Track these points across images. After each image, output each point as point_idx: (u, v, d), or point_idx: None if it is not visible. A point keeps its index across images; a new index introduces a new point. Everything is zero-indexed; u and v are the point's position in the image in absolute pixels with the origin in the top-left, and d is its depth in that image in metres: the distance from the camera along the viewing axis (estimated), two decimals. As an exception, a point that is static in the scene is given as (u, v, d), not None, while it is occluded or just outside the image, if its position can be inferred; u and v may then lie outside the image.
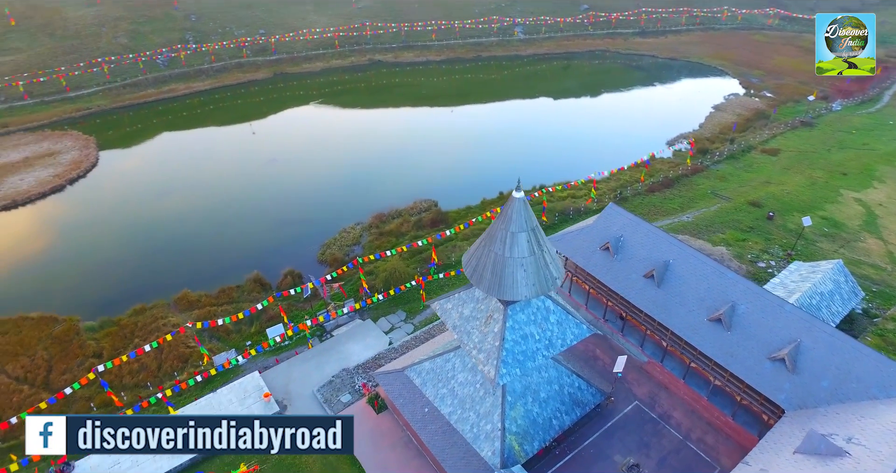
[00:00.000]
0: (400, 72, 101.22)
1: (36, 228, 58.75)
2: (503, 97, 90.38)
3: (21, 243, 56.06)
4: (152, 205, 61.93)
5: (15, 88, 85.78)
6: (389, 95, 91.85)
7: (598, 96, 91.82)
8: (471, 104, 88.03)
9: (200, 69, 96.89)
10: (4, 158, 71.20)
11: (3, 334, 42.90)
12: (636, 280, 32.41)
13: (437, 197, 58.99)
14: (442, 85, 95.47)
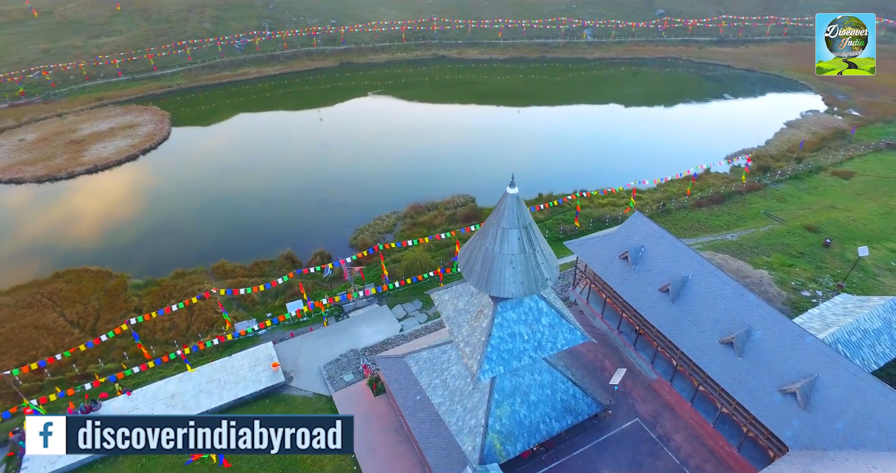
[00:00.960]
0: (464, 68, 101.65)
1: (108, 192, 64.35)
2: (568, 101, 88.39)
3: (94, 204, 61.68)
4: (209, 178, 66.18)
5: (112, 66, 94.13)
6: (453, 90, 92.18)
7: (662, 105, 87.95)
8: (536, 105, 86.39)
9: (272, 55, 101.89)
10: (95, 127, 78.37)
11: (68, 282, 47.51)
12: (651, 293, 31.08)
13: (477, 194, 58.96)
14: (505, 84, 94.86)
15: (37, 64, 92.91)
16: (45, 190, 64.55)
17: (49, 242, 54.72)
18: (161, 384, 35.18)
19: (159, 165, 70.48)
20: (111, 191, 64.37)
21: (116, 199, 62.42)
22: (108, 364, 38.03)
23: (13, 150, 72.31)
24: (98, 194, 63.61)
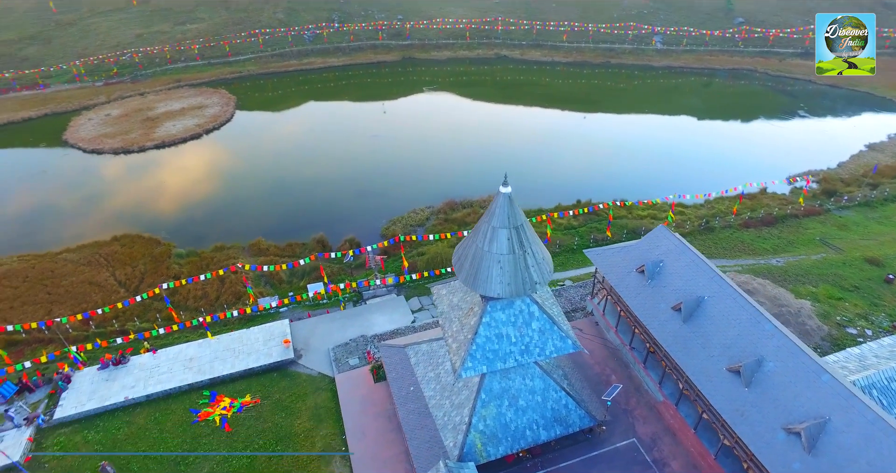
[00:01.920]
0: (526, 69, 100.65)
1: (169, 166, 69.26)
2: (632, 109, 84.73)
3: (156, 176, 66.58)
4: (260, 160, 69.62)
5: (192, 51, 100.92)
6: (515, 91, 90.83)
7: (728, 119, 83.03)
8: (601, 112, 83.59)
9: (339, 47, 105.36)
10: (169, 106, 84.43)
11: (123, 245, 51.71)
12: (663, 311, 29.67)
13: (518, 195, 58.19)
14: (568, 88, 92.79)
15: (130, 47, 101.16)
16: (118, 161, 70.38)
17: (114, 208, 59.73)
18: (183, 347, 37.60)
19: (218, 144, 74.92)
20: (172, 166, 69.22)
21: (175, 173, 67.05)
22: (143, 324, 41.05)
23: (99, 123, 79.23)
24: (160, 168, 68.58)
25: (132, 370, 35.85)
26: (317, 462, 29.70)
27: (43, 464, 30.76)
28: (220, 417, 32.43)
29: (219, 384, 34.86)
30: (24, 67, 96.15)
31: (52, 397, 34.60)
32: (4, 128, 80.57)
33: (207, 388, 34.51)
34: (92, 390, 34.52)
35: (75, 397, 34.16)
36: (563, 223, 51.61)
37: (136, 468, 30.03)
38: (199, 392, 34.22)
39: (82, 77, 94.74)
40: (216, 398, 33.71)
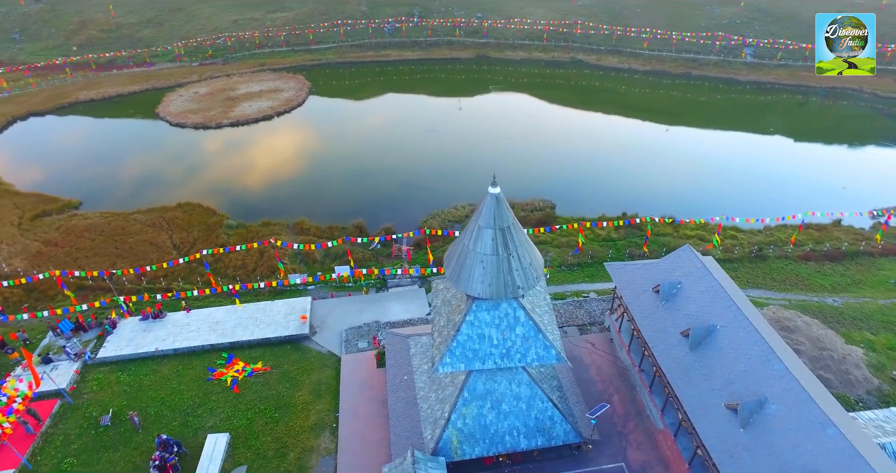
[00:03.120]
0: (602, 76, 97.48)
1: (238, 143, 74.25)
2: (716, 124, 79.21)
3: (224, 152, 71.72)
4: (320, 144, 72.99)
5: (279, 38, 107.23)
6: (592, 97, 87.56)
7: (817, 142, 75.87)
8: (684, 126, 78.65)
9: (416, 41, 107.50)
10: (249, 88, 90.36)
11: (184, 212, 56.33)
12: (671, 334, 28.10)
13: (560, 202, 57.10)
14: (645, 97, 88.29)
15: (225, 32, 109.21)
16: (196, 135, 76.54)
17: (183, 176, 65.15)
18: (213, 310, 40.55)
19: (285, 126, 79.28)
20: (240, 143, 74.23)
21: (241, 151, 71.91)
22: (186, 285, 44.65)
23: (187, 100, 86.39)
24: (230, 145, 73.81)
25: (167, 324, 39.22)
26: (307, 434, 31.10)
27: (82, 395, 34.56)
28: (231, 378, 34.73)
29: (237, 348, 37.29)
30: (139, 47, 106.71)
31: (100, 338, 38.65)
32: (114, 99, 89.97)
33: (226, 350, 37.03)
34: (131, 337, 38.17)
35: (117, 341, 37.96)
36: (602, 235, 49.92)
37: (153, 412, 32.97)
38: (219, 353, 36.80)
39: (182, 57, 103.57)
40: (232, 360, 36.10)
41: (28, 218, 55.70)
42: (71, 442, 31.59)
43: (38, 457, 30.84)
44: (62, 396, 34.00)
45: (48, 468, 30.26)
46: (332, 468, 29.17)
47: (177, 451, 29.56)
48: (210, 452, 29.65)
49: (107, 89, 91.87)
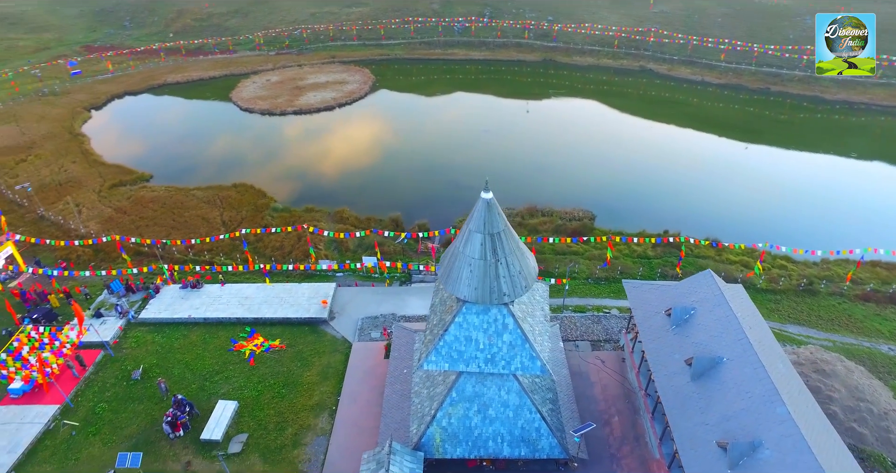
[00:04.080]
0: (672, 87, 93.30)
1: (297, 130, 77.96)
2: (798, 145, 73.44)
3: (284, 138, 75.59)
4: (372, 137, 75.11)
5: (351, 32, 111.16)
6: (663, 108, 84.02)
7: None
8: (765, 145, 73.22)
9: (484, 41, 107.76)
10: (316, 79, 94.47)
11: (237, 192, 60.09)
12: (675, 361, 26.93)
13: (602, 214, 55.63)
14: (719, 112, 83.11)
15: (302, 24, 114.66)
16: (261, 120, 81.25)
17: (242, 158, 69.37)
18: (244, 286, 43.20)
19: (344, 118, 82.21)
20: (299, 131, 77.92)
21: (298, 138, 75.51)
22: (226, 260, 47.80)
23: (258, 87, 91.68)
24: (290, 132, 77.64)
25: (202, 294, 42.25)
26: (307, 412, 32.59)
27: (122, 349, 38.10)
28: (249, 352, 36.95)
29: (260, 324, 39.56)
30: (225, 35, 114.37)
31: (145, 301, 42.29)
32: (197, 82, 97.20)
33: (250, 325, 39.39)
34: (169, 303, 41.50)
35: (157, 305, 41.40)
36: (638, 251, 48.20)
37: (176, 373, 35.79)
38: (242, 327, 39.22)
39: (261, 46, 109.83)
40: (253, 335, 38.37)
41: (107, 187, 61.55)
42: (106, 390, 34.96)
43: (79, 398, 34.40)
44: (105, 348, 37.61)
45: (85, 409, 33.68)
46: (325, 447, 30.44)
47: (189, 411, 31.96)
48: (218, 416, 31.83)
49: (191, 73, 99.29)
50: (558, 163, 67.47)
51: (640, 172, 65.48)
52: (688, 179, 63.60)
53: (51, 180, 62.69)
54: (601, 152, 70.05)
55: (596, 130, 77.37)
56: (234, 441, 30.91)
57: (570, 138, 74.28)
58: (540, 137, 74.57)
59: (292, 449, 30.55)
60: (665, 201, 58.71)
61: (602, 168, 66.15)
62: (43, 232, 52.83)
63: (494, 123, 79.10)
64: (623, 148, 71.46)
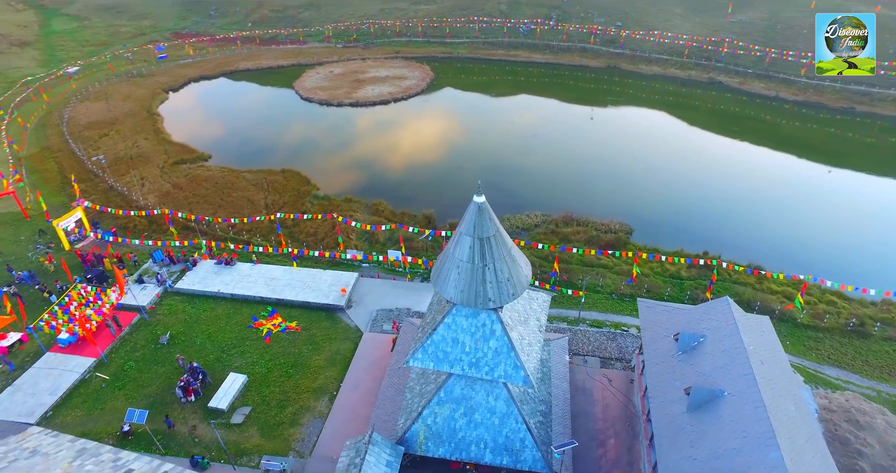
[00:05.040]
0: (745, 101, 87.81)
1: (352, 122, 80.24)
2: (886, 171, 67.49)
3: (337, 128, 78.02)
4: (420, 133, 75.92)
5: (417, 28, 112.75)
6: (731, 124, 78.91)
7: None
8: (849, 169, 67.46)
9: (548, 44, 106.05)
10: (377, 73, 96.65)
11: (284, 177, 62.75)
12: (675, 389, 25.67)
13: (641, 227, 53.61)
14: (797, 132, 77.24)
15: (371, 19, 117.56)
16: (318, 110, 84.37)
17: (294, 145, 72.40)
18: (273, 267, 45.24)
19: (398, 112, 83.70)
20: (354, 122, 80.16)
21: (350, 128, 77.64)
22: (262, 241, 50.20)
23: (321, 78, 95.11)
24: (344, 122, 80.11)
25: (233, 271, 44.67)
26: (309, 394, 33.79)
27: (156, 314, 41.06)
28: (266, 330, 38.74)
29: (281, 305, 41.34)
30: (297, 26, 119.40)
31: (182, 273, 45.27)
32: (266, 70, 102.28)
33: (272, 305, 41.25)
34: (203, 276, 44.19)
35: (192, 277, 44.21)
36: (671, 270, 46.08)
37: (198, 342, 38.17)
38: (265, 306, 41.14)
39: (330, 39, 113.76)
40: (273, 314, 40.18)
41: (169, 163, 66.21)
42: (136, 350, 37.85)
43: (113, 355, 37.48)
44: (141, 312, 40.66)
45: (115, 365, 36.66)
46: (319, 430, 31.49)
47: (202, 379, 34.03)
48: (227, 387, 33.67)
49: (262, 61, 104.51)
50: (607, 172, 65.50)
51: (693, 189, 62.41)
52: (744, 199, 59.78)
53: (124, 154, 68.17)
54: (656, 165, 67.11)
55: (655, 142, 74.03)
56: (238, 413, 32.59)
57: (627, 148, 71.72)
58: (596, 145, 72.64)
59: (289, 427, 31.82)
60: (712, 221, 55.61)
61: (653, 181, 63.40)
62: (110, 201, 57.62)
63: (554, 128, 77.72)
64: (681, 162, 68.24)
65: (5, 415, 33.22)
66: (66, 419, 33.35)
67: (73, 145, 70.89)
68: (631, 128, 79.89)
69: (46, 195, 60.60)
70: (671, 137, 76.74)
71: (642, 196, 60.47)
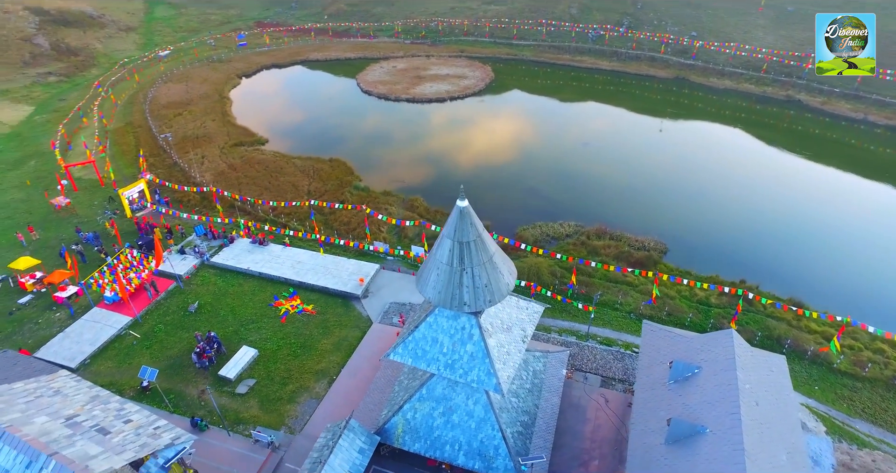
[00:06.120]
0: (827, 123, 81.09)
1: (406, 117, 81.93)
2: None
3: (391, 122, 79.96)
4: (472, 133, 76.21)
5: (484, 28, 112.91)
6: (812, 148, 73.22)
7: None
8: None
9: (616, 51, 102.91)
10: (438, 71, 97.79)
11: (331, 166, 65.22)
12: (658, 419, 24.70)
13: (677, 248, 51.35)
14: (889, 158, 71.48)
15: (441, 16, 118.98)
16: (376, 103, 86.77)
17: (344, 135, 74.99)
18: (301, 251, 47.48)
19: (451, 110, 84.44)
20: (405, 117, 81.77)
21: (403, 123, 79.29)
22: (298, 225, 52.63)
23: (384, 72, 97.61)
24: (396, 117, 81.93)
25: (265, 251, 47.28)
26: (310, 375, 35.36)
27: (190, 284, 44.31)
28: (284, 310, 40.79)
29: (302, 287, 43.33)
30: (369, 21, 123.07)
31: (220, 248, 48.46)
32: (334, 62, 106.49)
33: (294, 287, 43.32)
34: (237, 253, 47.10)
35: (227, 253, 47.25)
36: (700, 295, 43.84)
37: (221, 314, 40.86)
38: (287, 287, 43.28)
39: (398, 34, 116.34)
40: (293, 296, 42.20)
41: (229, 145, 70.67)
42: (167, 315, 41.11)
43: (147, 317, 40.92)
44: (177, 280, 44.01)
45: (147, 326, 40.05)
46: (313, 410, 32.92)
47: (217, 348, 36.47)
48: (238, 359, 35.91)
49: (332, 53, 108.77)
50: (653, 187, 62.86)
51: (745, 212, 58.40)
52: (804, 229, 55.33)
53: (192, 133, 73.51)
54: (710, 183, 63.56)
55: (715, 159, 69.83)
56: (243, 384, 34.67)
57: (681, 164, 68.55)
58: (648, 158, 69.56)
59: (286, 404, 33.50)
60: (758, 248, 52.01)
61: (702, 201, 60.17)
62: (171, 176, 62.45)
63: (608, 138, 75.52)
64: (740, 183, 63.86)
65: (53, 357, 37.27)
66: (99, 368, 36.90)
67: (151, 122, 77.25)
68: (691, 142, 76.21)
69: (122, 166, 66.74)
70: (735, 155, 72.13)
71: (686, 215, 57.70)
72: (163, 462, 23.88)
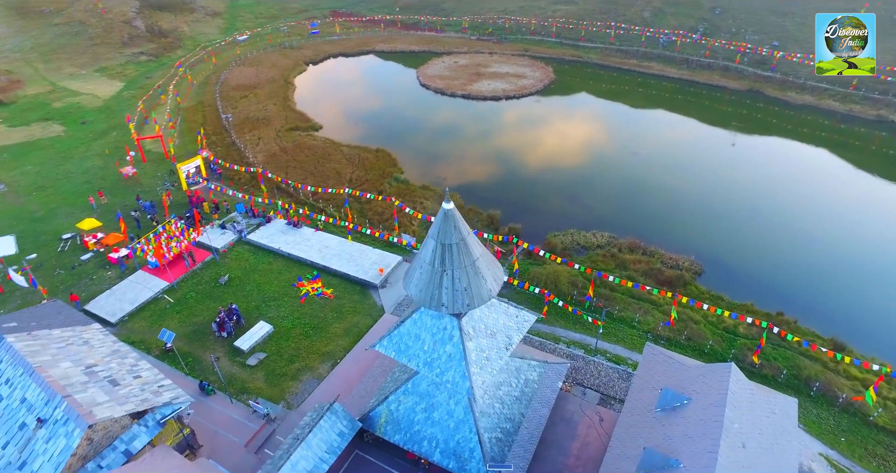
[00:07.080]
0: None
1: (457, 113, 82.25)
2: None
3: (442, 116, 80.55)
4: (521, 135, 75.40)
5: (551, 28, 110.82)
6: None
7: None
8: None
9: (686, 58, 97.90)
10: (498, 69, 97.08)
11: (375, 156, 66.80)
12: (636, 445, 23.90)
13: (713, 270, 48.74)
14: None
15: (508, 14, 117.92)
16: (432, 98, 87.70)
17: (396, 127, 76.54)
18: (330, 237, 49.28)
19: (505, 109, 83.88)
20: (457, 113, 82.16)
21: (453, 119, 79.75)
22: (334, 212, 54.53)
23: (444, 67, 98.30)
24: (448, 112, 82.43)
25: (297, 234, 49.47)
26: (317, 357, 36.90)
27: (225, 258, 47.25)
28: (304, 292, 42.64)
29: (325, 272, 45.05)
30: (439, 15, 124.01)
31: (257, 226, 51.20)
32: (398, 54, 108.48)
33: (318, 270, 45.13)
34: (271, 233, 49.60)
35: (263, 232, 49.87)
36: (728, 323, 41.45)
37: (247, 289, 43.33)
38: (311, 270, 45.15)
39: (465, 30, 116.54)
40: (316, 279, 44.00)
41: (285, 129, 74.04)
42: (200, 284, 44.14)
43: (182, 284, 44.13)
44: (214, 253, 47.03)
45: (181, 293, 43.22)
46: (312, 389, 34.40)
47: (236, 320, 38.80)
48: (254, 332, 38.08)
49: (397, 45, 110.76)
50: (700, 205, 59.62)
51: (798, 239, 54.20)
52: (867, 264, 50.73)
53: (253, 115, 77.62)
54: (766, 205, 59.27)
55: (779, 180, 64.35)
56: (254, 357, 36.73)
57: (737, 182, 64.02)
58: (701, 173, 66.13)
59: (290, 380, 35.20)
60: (806, 280, 48.22)
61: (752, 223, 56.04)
62: (228, 155, 66.34)
63: (661, 149, 72.24)
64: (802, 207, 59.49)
65: (99, 311, 41.14)
66: (134, 326, 40.30)
67: (218, 103, 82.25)
68: (752, 160, 71.23)
69: (187, 142, 71.63)
70: (805, 177, 66.56)
71: (732, 238, 54.33)
72: (159, 418, 25.96)
